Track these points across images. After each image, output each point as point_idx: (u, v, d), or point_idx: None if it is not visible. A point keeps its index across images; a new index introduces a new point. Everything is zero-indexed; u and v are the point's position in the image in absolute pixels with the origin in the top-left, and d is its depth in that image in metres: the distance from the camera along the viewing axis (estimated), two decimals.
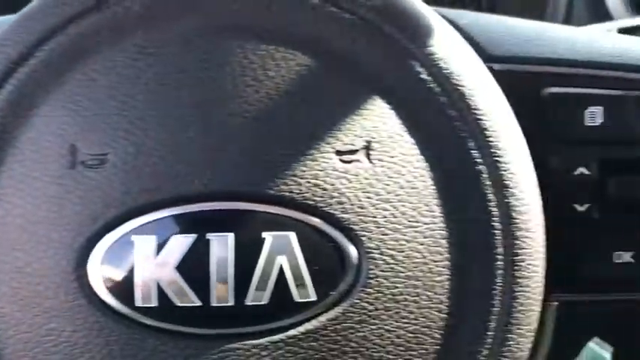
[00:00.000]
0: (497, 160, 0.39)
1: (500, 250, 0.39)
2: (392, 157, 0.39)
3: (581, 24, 1.09)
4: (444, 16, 0.46)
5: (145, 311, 0.37)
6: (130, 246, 0.37)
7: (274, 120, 0.38)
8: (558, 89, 0.43)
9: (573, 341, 0.45)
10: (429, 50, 0.39)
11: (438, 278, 0.39)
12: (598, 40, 0.44)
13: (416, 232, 0.39)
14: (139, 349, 0.37)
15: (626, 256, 0.42)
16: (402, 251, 0.39)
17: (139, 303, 0.37)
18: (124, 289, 0.37)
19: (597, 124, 0.42)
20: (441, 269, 0.39)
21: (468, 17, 0.46)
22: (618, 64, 0.43)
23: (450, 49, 0.40)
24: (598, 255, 0.43)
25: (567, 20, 1.26)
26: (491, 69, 0.44)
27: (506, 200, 0.39)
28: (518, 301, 0.40)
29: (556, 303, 0.44)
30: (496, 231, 0.39)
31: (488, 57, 0.44)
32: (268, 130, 0.38)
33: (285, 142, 0.38)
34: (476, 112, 0.39)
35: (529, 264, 0.40)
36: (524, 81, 0.43)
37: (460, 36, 0.42)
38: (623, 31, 0.72)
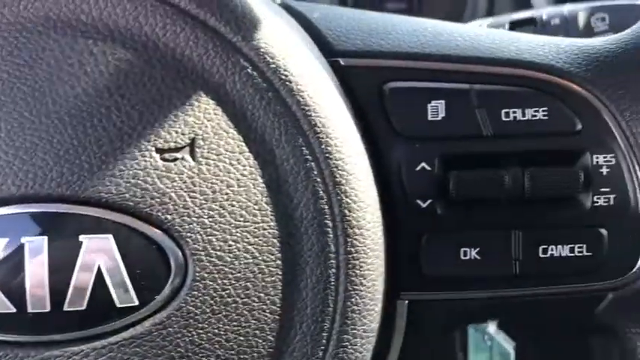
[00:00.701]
0: (328, 157, 0.38)
1: (333, 248, 0.38)
2: (218, 154, 0.37)
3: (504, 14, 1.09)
4: (293, 10, 0.44)
5: None
6: None
7: (91, 118, 0.36)
8: (401, 83, 0.42)
9: (426, 339, 0.44)
10: (256, 44, 0.38)
11: (270, 279, 0.38)
12: (446, 33, 0.43)
13: (245, 231, 0.38)
14: None
15: (472, 253, 0.42)
16: (231, 252, 0.37)
17: None
18: None
19: (439, 118, 0.41)
20: (273, 269, 0.38)
21: (319, 10, 0.45)
22: (460, 56, 0.42)
23: (279, 43, 0.38)
24: (444, 252, 0.42)
25: (490, 11, 1.26)
26: (337, 63, 0.43)
27: (338, 197, 0.38)
28: (353, 300, 0.39)
29: (406, 301, 0.43)
30: (328, 229, 0.38)
31: (334, 51, 0.43)
32: (84, 128, 0.36)
33: (103, 141, 0.36)
34: (305, 108, 0.38)
35: (364, 262, 0.39)
36: (367, 75, 0.42)
37: (295, 29, 0.41)
38: (515, 24, 0.71)
